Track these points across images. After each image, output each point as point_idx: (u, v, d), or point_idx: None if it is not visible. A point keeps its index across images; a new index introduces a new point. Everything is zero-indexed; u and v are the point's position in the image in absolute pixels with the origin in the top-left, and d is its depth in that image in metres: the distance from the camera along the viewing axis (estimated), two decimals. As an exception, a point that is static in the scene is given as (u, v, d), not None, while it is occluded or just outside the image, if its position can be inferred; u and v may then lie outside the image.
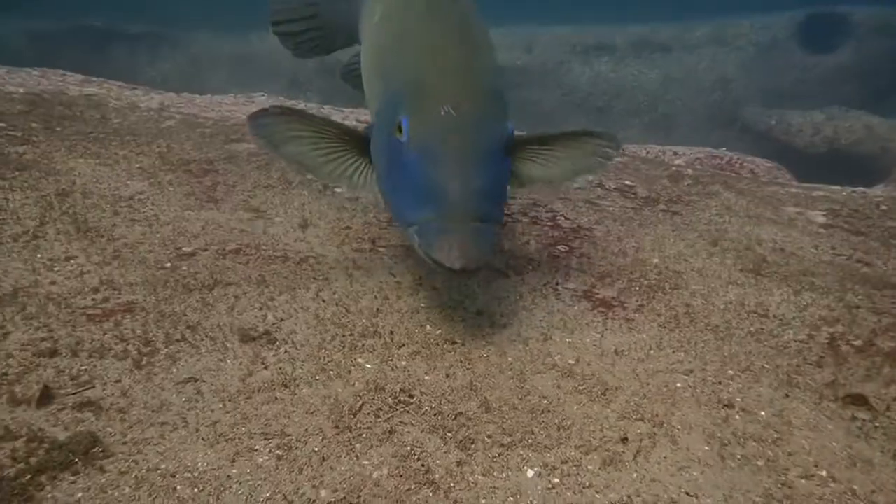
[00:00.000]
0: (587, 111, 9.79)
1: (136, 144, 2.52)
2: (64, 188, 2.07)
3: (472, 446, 1.27)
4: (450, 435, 1.30)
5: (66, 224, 1.90)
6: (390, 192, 1.60)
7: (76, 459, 1.18)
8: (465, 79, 1.59)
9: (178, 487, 1.15)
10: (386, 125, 1.58)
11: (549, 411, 1.35)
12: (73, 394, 1.34)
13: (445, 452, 1.26)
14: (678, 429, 1.30)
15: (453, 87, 1.55)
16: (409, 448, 1.27)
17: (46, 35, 10.03)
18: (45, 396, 1.32)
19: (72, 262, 1.76)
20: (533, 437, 1.28)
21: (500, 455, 1.25)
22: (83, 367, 1.41)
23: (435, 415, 1.35)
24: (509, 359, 1.55)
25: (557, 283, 1.91)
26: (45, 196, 2.01)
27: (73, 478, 1.14)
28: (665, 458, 1.22)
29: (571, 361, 1.54)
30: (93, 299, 1.62)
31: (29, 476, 1.13)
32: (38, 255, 1.76)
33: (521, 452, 1.25)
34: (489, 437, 1.29)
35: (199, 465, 1.21)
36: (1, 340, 1.43)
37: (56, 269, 1.71)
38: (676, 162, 3.55)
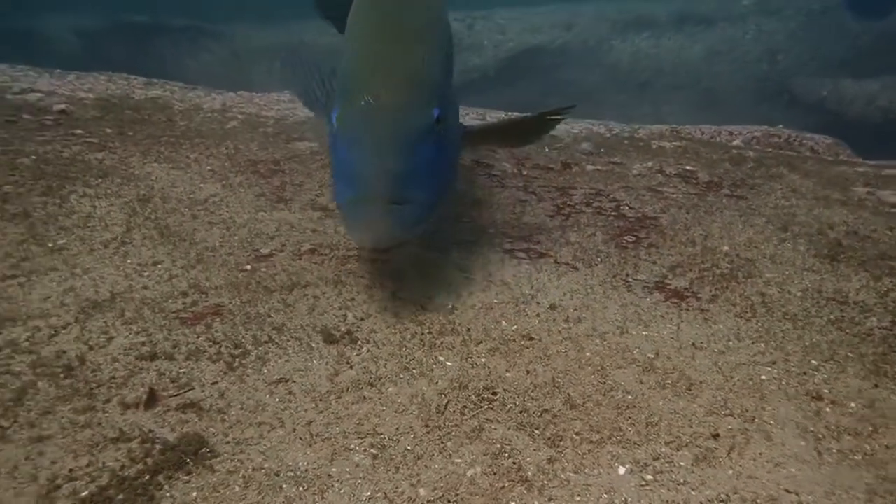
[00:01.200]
0: (628, 88, 9.62)
1: (204, 147, 2.60)
2: (144, 194, 2.16)
3: (561, 443, 1.29)
4: (537, 432, 1.33)
5: (150, 229, 1.99)
6: (331, 176, 1.82)
7: (188, 460, 1.25)
8: (389, 72, 1.73)
9: (284, 486, 1.21)
10: (329, 115, 1.77)
11: (634, 407, 1.37)
12: (175, 396, 1.42)
13: (535, 450, 1.29)
14: (771, 423, 1.30)
15: (375, 79, 1.71)
16: (498, 446, 1.30)
17: (93, 32, 10.33)
18: (151, 399, 1.40)
19: (159, 266, 1.84)
20: (621, 433, 1.30)
21: (589, 452, 1.27)
22: (182, 370, 1.48)
23: (520, 412, 1.38)
24: (587, 354, 1.56)
25: (627, 275, 1.91)
26: (129, 202, 2.09)
27: (186, 477, 1.21)
28: (760, 454, 1.23)
29: (651, 355, 1.54)
30: (183, 303, 1.69)
31: (147, 476, 1.20)
32: (128, 261, 1.84)
33: (611, 449, 1.27)
34: (577, 433, 1.31)
35: (301, 464, 1.26)
36: (106, 345, 1.52)
37: (146, 273, 1.80)
38: (734, 143, 3.47)
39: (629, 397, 1.40)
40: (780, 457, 1.23)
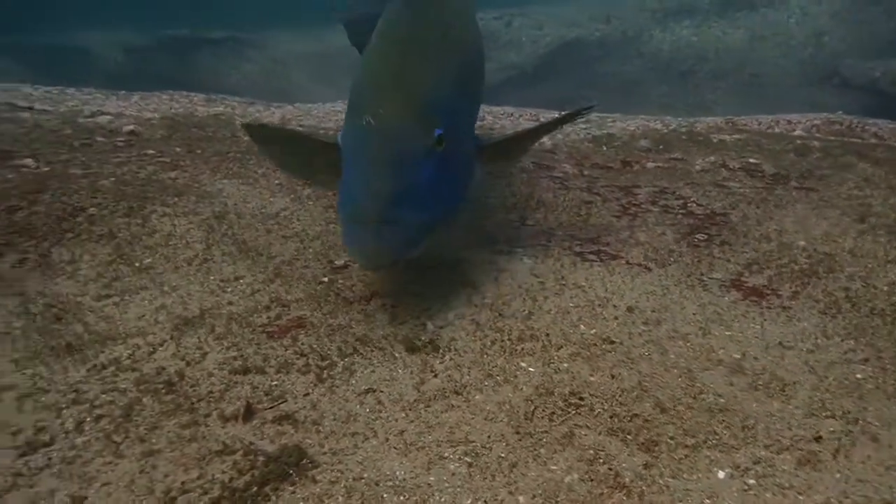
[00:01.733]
0: (670, 78, 9.47)
1: (270, 161, 2.67)
2: (219, 210, 2.23)
3: (656, 448, 1.29)
4: (630, 437, 1.33)
5: (228, 245, 2.06)
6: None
7: (290, 471, 1.30)
8: (389, 91, 1.75)
9: (385, 496, 1.25)
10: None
11: (727, 410, 1.36)
12: (270, 408, 1.47)
13: (629, 455, 1.29)
14: (876, 425, 1.28)
15: (376, 98, 1.74)
16: (591, 452, 1.31)
17: (139, 48, 10.70)
18: (248, 412, 1.45)
19: (241, 281, 1.90)
20: (717, 437, 1.30)
21: (686, 457, 1.27)
22: (273, 383, 1.53)
23: (610, 417, 1.38)
24: (671, 356, 1.56)
25: (702, 274, 1.89)
26: (206, 219, 2.17)
27: (291, 488, 1.26)
28: (869, 456, 1.21)
29: (737, 356, 1.53)
30: (267, 317, 1.75)
31: (255, 488, 1.25)
32: (211, 277, 1.91)
33: (708, 453, 1.26)
34: (671, 438, 1.31)
35: (398, 473, 1.29)
36: (201, 360, 1.58)
37: (229, 289, 1.86)
38: (795, 132, 3.38)
39: (721, 400, 1.39)
40: (891, 459, 1.21)
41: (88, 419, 1.39)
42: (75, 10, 11.63)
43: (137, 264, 1.96)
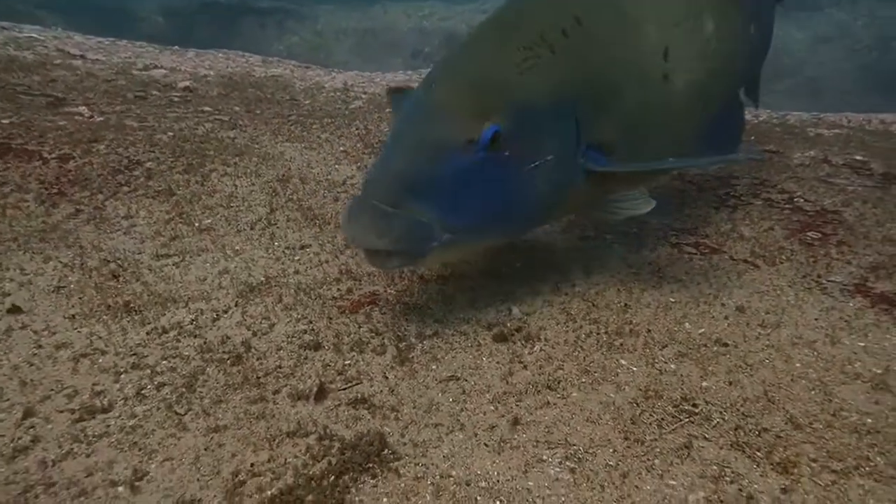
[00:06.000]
0: (725, 78, 9.11)
1: (334, 127, 2.53)
2: (282, 174, 2.09)
3: (795, 470, 1.11)
4: (759, 454, 1.15)
5: (293, 211, 1.91)
6: None
7: (371, 462, 1.15)
8: (454, 71, 1.52)
9: (479, 498, 1.09)
10: None
11: (878, 432, 1.17)
12: (344, 389, 1.32)
13: (762, 476, 1.11)
14: None
15: (441, 74, 1.51)
16: (716, 468, 1.13)
17: (180, 11, 10.56)
18: (321, 392, 1.31)
19: (307, 250, 1.76)
20: (871, 463, 1.11)
21: (833, 483, 1.08)
22: (347, 363, 1.38)
23: (734, 429, 1.20)
24: (797, 365, 1.37)
25: (819, 276, 1.69)
26: (269, 182, 2.03)
27: (373, 481, 1.11)
28: None
29: (878, 370, 1.34)
30: (338, 290, 1.60)
31: (333, 477, 1.10)
32: (276, 244, 1.77)
33: (861, 482, 1.08)
34: (813, 460, 1.13)
35: (491, 473, 1.14)
36: (268, 332, 1.44)
37: (296, 258, 1.72)
38: None
39: (868, 420, 1.20)
40: None
41: (149, 386, 1.25)
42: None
43: (197, 224, 1.83)
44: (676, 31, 1.67)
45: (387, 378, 1.35)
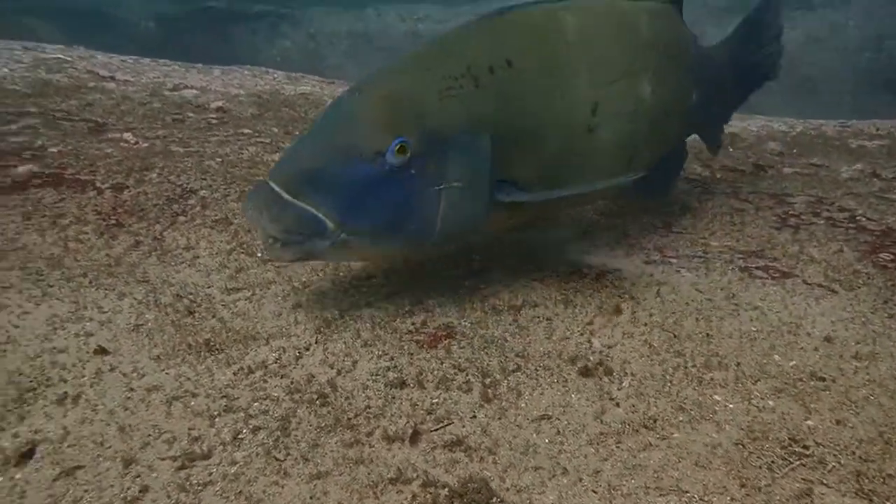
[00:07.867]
0: (719, 77, 9.12)
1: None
2: (338, 200, 2.06)
3: (927, 521, 1.08)
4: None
5: (354, 239, 1.88)
6: None
7: (483, 512, 1.11)
8: (381, 80, 1.57)
9: (598, 550, 1.06)
10: None
11: None
12: (436, 430, 1.29)
13: (891, 526, 1.08)
14: None
15: (371, 79, 1.56)
16: (839, 516, 1.10)
17: (172, 18, 10.45)
18: (415, 434, 1.27)
19: (373, 280, 1.73)
20: None
21: (968, 532, 1.06)
22: (434, 401, 1.35)
23: (854, 475, 1.17)
24: (903, 402, 1.34)
25: (902, 302, 1.66)
26: (326, 209, 2.00)
27: (487, 533, 1.08)
28: None
29: (985, 405, 1.31)
30: (412, 323, 1.57)
31: (447, 531, 1.07)
32: (341, 274, 1.74)
33: None
34: (944, 509, 1.10)
35: (605, 522, 1.11)
36: (352, 370, 1.40)
37: (363, 289, 1.68)
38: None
39: None
40: None
41: (245, 430, 1.22)
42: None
43: (259, 255, 1.79)
44: (610, 88, 1.71)
45: (476, 417, 1.31)
